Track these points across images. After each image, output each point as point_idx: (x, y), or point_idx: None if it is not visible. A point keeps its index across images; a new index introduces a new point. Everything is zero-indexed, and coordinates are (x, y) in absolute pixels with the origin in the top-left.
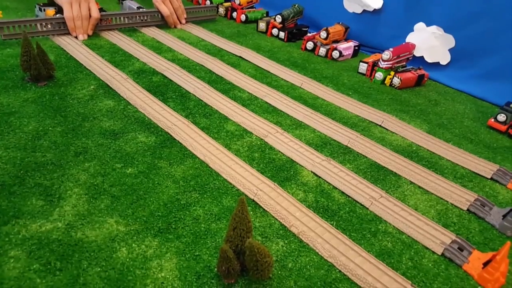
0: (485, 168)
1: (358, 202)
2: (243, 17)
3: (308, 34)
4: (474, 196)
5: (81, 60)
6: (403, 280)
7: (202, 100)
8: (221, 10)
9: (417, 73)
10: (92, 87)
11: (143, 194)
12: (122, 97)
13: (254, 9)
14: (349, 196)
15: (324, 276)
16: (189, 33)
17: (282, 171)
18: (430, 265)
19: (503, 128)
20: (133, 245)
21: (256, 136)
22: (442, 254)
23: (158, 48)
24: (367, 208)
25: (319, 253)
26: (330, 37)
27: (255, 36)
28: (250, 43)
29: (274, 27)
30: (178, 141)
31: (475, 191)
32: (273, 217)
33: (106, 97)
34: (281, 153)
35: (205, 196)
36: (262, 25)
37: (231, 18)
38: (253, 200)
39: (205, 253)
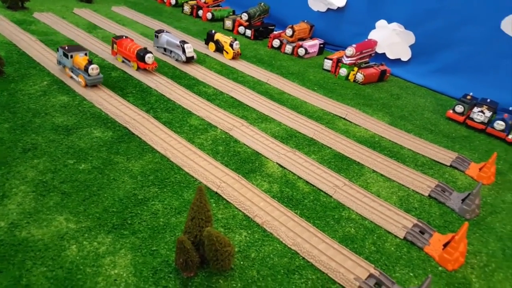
0: (445, 156)
1: (322, 191)
2: (209, 15)
3: (274, 32)
4: (434, 182)
5: (34, 56)
6: (366, 264)
7: (164, 95)
8: (187, 8)
9: (379, 69)
10: (45, 82)
11: (97, 190)
12: (77, 92)
13: (220, 7)
14: (313, 185)
15: (287, 263)
16: (152, 30)
17: (246, 163)
18: (392, 248)
19: (461, 118)
20: (84, 242)
21: (221, 129)
22: (404, 238)
23: None
24: (331, 196)
25: (283, 242)
26: (296, 35)
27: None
28: None
29: (240, 25)
30: (137, 136)
31: (436, 178)
32: (237, 208)
33: (60, 92)
34: (246, 146)
35: (165, 190)
36: (228, 23)
37: (197, 16)
38: (216, 193)
39: (163, 248)
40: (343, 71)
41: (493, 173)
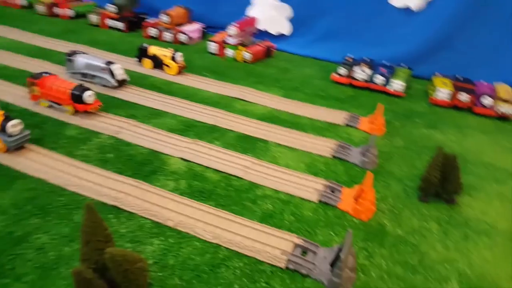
0: (338, 117)
1: (232, 175)
2: (70, 12)
3: (148, 21)
4: (334, 143)
5: None
6: (289, 235)
7: (27, 109)
8: (41, 7)
9: (265, 46)
10: None
11: None
12: None
13: (81, 2)
14: (222, 172)
15: (211, 259)
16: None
17: (144, 166)
18: (310, 214)
19: (345, 80)
20: None
21: (107, 135)
22: (319, 201)
23: None
24: (242, 178)
25: (202, 238)
26: (173, 21)
27: (89, 31)
28: (84, 38)
29: (109, 18)
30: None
31: (334, 138)
32: (142, 217)
33: None
34: (140, 146)
35: (48, 218)
36: (94, 18)
37: (54, 15)
38: (114, 206)
39: (61, 285)
40: (229, 52)
41: (382, 123)
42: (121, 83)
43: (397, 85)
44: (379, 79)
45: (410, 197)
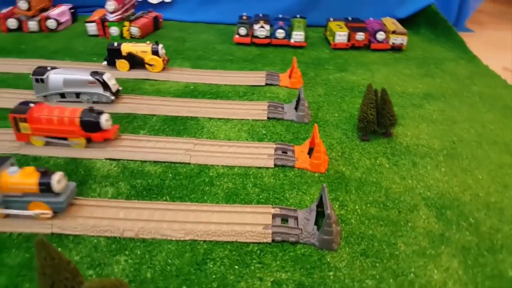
0: (256, 78)
1: (176, 163)
2: None
3: (2, 11)
4: (265, 104)
5: None
6: (263, 207)
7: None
8: None
9: (151, 17)
10: None
11: None
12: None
13: None
14: (163, 162)
15: (192, 258)
16: None
17: (68, 177)
18: (272, 180)
19: (248, 40)
20: None
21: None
22: (275, 165)
23: None
24: (189, 163)
25: (173, 239)
26: (33, 6)
27: None
28: None
29: None
30: None
31: (263, 100)
32: (92, 236)
33: None
34: (54, 157)
35: None
36: None
37: None
38: (54, 233)
39: None
40: (114, 31)
41: (300, 76)
42: (116, 95)
43: (298, 36)
44: (280, 33)
45: (352, 140)
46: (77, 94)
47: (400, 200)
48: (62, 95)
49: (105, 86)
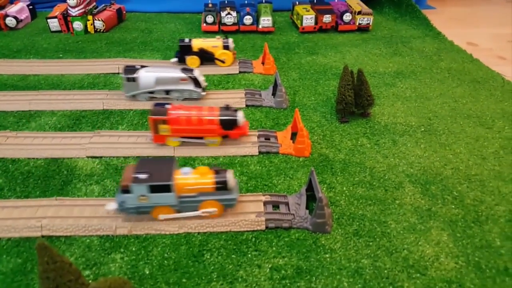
0: (230, 66)
1: (165, 157)
2: None
3: None
4: (242, 92)
5: None
6: (254, 195)
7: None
8: None
9: (114, 10)
10: None
11: None
12: None
13: None
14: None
15: (188, 250)
16: None
17: (51, 179)
18: (258, 168)
19: (215, 28)
20: None
21: None
22: (260, 152)
23: None
24: (173, 156)
25: (168, 233)
26: None
27: None
28: None
29: None
30: None
31: (239, 88)
32: (85, 236)
33: None
34: (32, 158)
35: None
36: None
37: None
38: (45, 236)
39: None
40: (77, 25)
41: (273, 62)
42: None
43: (265, 21)
44: (247, 19)
45: (332, 122)
46: (167, 92)
47: (385, 179)
48: (151, 93)
49: (196, 82)
